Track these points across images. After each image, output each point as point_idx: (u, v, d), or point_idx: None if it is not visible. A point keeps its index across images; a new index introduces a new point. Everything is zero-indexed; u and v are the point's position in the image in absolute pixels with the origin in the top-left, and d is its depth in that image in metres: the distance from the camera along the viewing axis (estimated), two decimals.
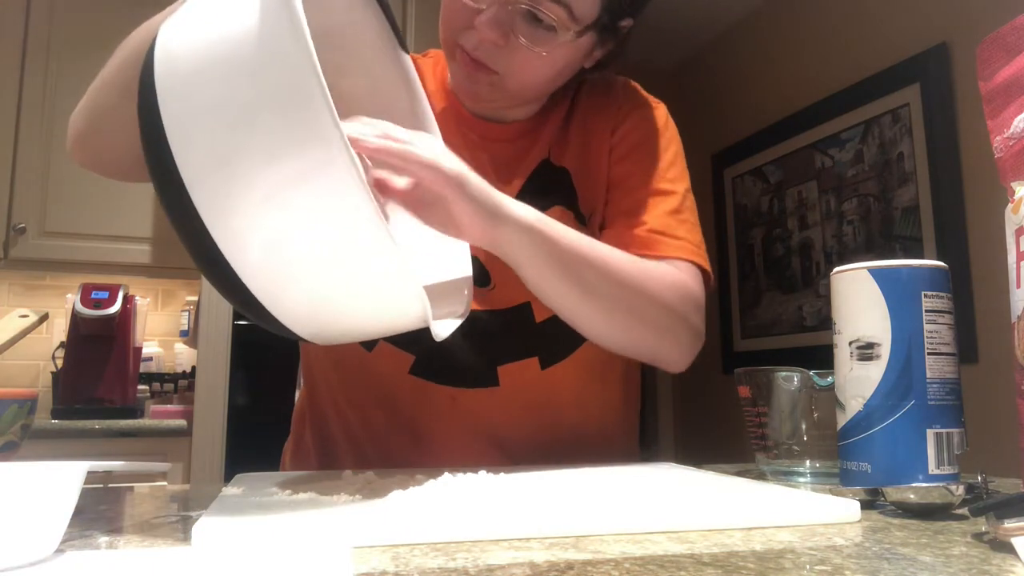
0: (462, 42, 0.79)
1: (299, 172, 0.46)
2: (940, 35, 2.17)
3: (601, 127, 0.89)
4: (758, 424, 0.76)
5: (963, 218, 2.09)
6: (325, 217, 0.48)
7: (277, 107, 0.46)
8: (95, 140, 0.77)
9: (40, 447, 2.04)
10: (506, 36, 0.76)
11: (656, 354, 0.81)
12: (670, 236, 0.82)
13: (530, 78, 0.81)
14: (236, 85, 0.47)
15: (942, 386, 0.55)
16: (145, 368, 2.54)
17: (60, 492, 0.40)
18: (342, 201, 0.47)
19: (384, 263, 0.49)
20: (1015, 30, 0.56)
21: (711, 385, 3.13)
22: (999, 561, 0.40)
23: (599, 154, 0.88)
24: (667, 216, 0.84)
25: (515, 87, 0.82)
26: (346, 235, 0.48)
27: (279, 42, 0.46)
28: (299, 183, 0.47)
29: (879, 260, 0.57)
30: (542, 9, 0.75)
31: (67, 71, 2.46)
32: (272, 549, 0.42)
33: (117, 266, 2.48)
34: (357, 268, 0.50)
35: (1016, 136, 0.55)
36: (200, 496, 0.67)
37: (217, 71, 0.48)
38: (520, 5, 0.75)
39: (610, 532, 0.46)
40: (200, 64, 0.48)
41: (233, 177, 0.47)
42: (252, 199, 0.47)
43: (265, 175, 0.47)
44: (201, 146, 0.47)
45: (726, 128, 3.10)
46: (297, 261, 0.49)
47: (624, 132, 0.89)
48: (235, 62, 0.47)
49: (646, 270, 0.77)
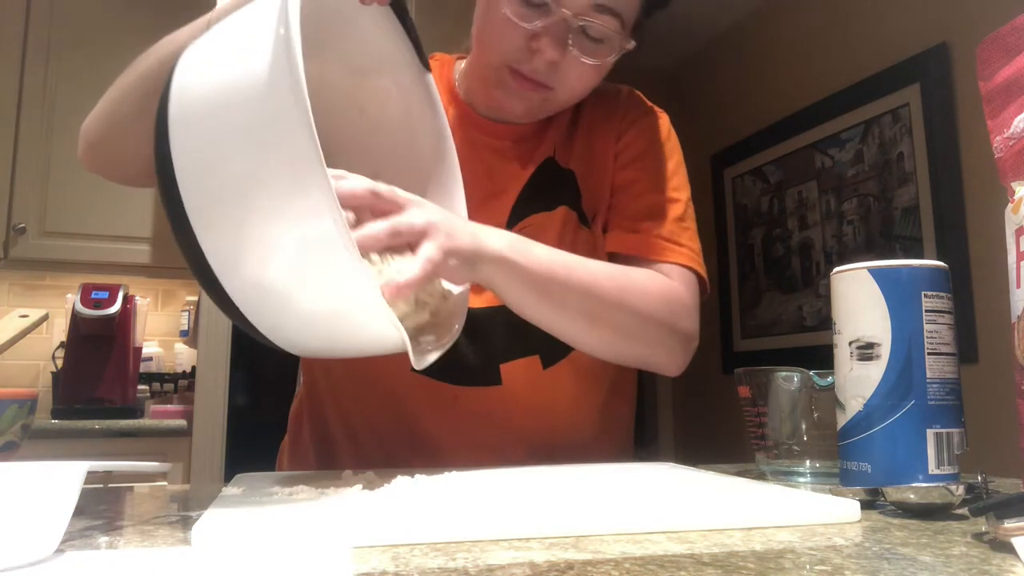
0: (518, 65, 0.80)
1: (291, 225, 0.51)
2: (940, 35, 2.17)
3: (606, 133, 0.91)
4: (758, 424, 0.76)
5: (963, 218, 2.09)
6: (314, 263, 0.52)
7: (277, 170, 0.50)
8: (108, 149, 0.77)
9: (40, 447, 2.04)
10: (563, 53, 0.78)
11: (647, 363, 0.83)
12: (673, 243, 0.84)
13: (581, 88, 0.84)
14: (240, 142, 0.50)
15: (942, 386, 0.55)
16: (145, 368, 2.54)
17: (60, 492, 0.40)
18: (333, 255, 0.51)
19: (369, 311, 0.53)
20: (1015, 30, 0.56)
21: (711, 385, 3.13)
22: (999, 561, 0.40)
23: (604, 159, 0.90)
24: (672, 223, 0.86)
25: (566, 98, 0.84)
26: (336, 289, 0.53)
27: (282, 111, 0.49)
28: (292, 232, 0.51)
29: (879, 260, 0.57)
30: (597, 23, 0.78)
31: (67, 71, 2.46)
32: (272, 549, 0.42)
33: (117, 266, 2.48)
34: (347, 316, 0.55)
35: (1016, 136, 0.55)
36: (200, 496, 0.67)
37: (223, 125, 0.51)
38: (577, 22, 0.77)
39: (610, 532, 0.46)
40: (208, 113, 0.51)
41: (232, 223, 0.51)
42: (247, 238, 0.51)
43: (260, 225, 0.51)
44: (206, 191, 0.51)
45: (726, 128, 3.10)
46: (288, 296, 0.54)
47: (629, 139, 0.90)
48: (240, 120, 0.51)
49: (630, 283, 0.79)
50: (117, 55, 2.91)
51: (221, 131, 0.51)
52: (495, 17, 0.78)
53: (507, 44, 0.79)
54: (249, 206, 0.50)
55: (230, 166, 0.51)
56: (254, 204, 0.50)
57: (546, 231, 0.84)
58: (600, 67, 0.82)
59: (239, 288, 0.53)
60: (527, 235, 0.80)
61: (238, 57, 0.52)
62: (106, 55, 2.48)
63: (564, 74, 0.80)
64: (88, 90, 2.71)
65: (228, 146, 0.51)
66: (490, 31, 0.79)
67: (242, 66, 0.51)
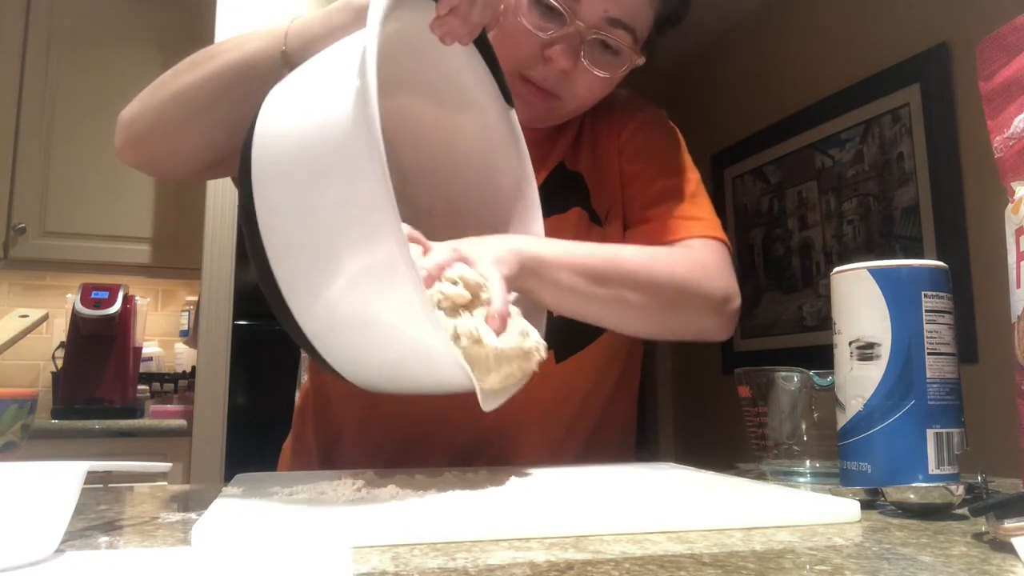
0: (529, 73, 0.82)
1: (368, 280, 0.51)
2: (940, 35, 2.17)
3: (608, 131, 0.93)
4: (758, 424, 0.76)
5: (963, 218, 2.09)
6: (391, 318, 0.52)
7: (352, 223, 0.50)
8: (154, 145, 0.76)
9: (40, 447, 2.04)
10: (575, 63, 0.80)
11: (694, 330, 0.82)
12: (689, 218, 0.86)
13: (587, 100, 0.86)
14: (316, 196, 0.51)
15: (942, 386, 0.55)
16: (145, 368, 2.54)
17: (60, 492, 0.40)
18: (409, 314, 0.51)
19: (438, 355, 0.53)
20: (1015, 30, 0.56)
21: (711, 385, 3.13)
22: (999, 561, 0.40)
23: (609, 155, 0.92)
24: (685, 202, 0.87)
25: (574, 107, 0.86)
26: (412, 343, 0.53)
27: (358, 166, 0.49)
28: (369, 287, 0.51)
29: (879, 260, 0.57)
30: (612, 36, 0.80)
31: (67, 71, 2.45)
32: (272, 549, 0.42)
33: (117, 266, 2.48)
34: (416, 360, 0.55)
35: (1016, 136, 0.55)
36: (200, 496, 0.67)
37: (301, 179, 0.51)
38: (591, 35, 0.79)
39: (610, 532, 0.46)
40: (288, 169, 0.52)
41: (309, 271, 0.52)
42: (325, 289, 0.52)
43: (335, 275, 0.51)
44: (284, 238, 0.52)
45: (726, 128, 3.10)
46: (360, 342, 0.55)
47: (631, 132, 0.92)
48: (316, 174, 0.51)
49: (655, 258, 0.78)
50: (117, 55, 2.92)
51: (299, 185, 0.51)
52: (510, 26, 0.80)
53: (520, 52, 0.80)
54: (327, 257, 0.51)
55: (307, 219, 0.51)
56: (331, 256, 0.51)
57: (561, 234, 0.85)
58: (609, 80, 0.83)
59: (316, 334, 0.54)
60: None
61: (316, 109, 0.52)
62: (106, 55, 2.48)
63: (573, 84, 0.82)
64: (88, 90, 2.70)
65: (304, 200, 0.51)
66: (504, 40, 0.80)
67: (320, 119, 0.52)
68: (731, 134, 3.07)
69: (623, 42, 0.81)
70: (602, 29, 0.79)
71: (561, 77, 0.81)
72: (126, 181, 2.45)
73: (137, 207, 2.48)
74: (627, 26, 0.80)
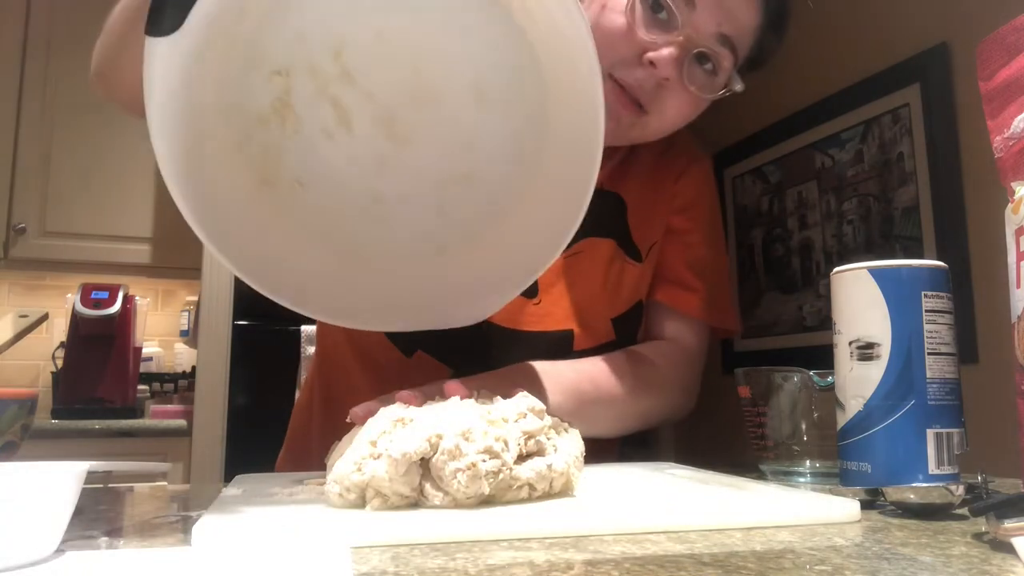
0: (619, 75, 0.75)
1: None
2: (940, 35, 2.17)
3: (665, 172, 0.91)
4: (758, 424, 0.76)
5: (963, 218, 2.09)
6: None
7: None
8: (109, 76, 0.74)
9: (40, 447, 2.04)
10: (677, 74, 0.75)
11: (663, 422, 0.98)
12: (714, 305, 0.91)
13: (676, 120, 0.80)
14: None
15: (942, 386, 0.55)
16: (145, 368, 2.54)
17: (60, 492, 0.40)
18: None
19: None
20: (1015, 30, 0.56)
21: (711, 385, 3.11)
22: (999, 561, 0.40)
23: (661, 196, 0.90)
24: (716, 283, 0.91)
25: (656, 128, 0.80)
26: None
27: None
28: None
29: (879, 260, 0.57)
30: (717, 53, 0.75)
31: (67, 70, 2.45)
32: (272, 549, 0.42)
33: (117, 266, 2.48)
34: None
35: (1016, 136, 0.55)
36: (200, 496, 0.67)
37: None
38: (697, 48, 0.74)
39: (610, 532, 0.46)
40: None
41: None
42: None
43: None
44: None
45: (726, 128, 3.10)
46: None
47: (686, 183, 0.91)
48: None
49: (644, 372, 0.86)
50: None
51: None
52: (608, 23, 0.74)
53: (616, 53, 0.74)
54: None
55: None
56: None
57: (595, 260, 0.85)
58: (699, 103, 0.79)
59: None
60: (579, 261, 0.81)
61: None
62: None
63: (664, 100, 0.77)
64: (88, 90, 2.70)
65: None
66: (599, 37, 0.77)
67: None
68: (731, 134, 3.07)
69: (726, 62, 0.76)
70: (709, 44, 0.74)
71: (657, 87, 0.75)
72: (126, 181, 2.45)
73: (137, 207, 2.48)
74: (733, 46, 0.76)
